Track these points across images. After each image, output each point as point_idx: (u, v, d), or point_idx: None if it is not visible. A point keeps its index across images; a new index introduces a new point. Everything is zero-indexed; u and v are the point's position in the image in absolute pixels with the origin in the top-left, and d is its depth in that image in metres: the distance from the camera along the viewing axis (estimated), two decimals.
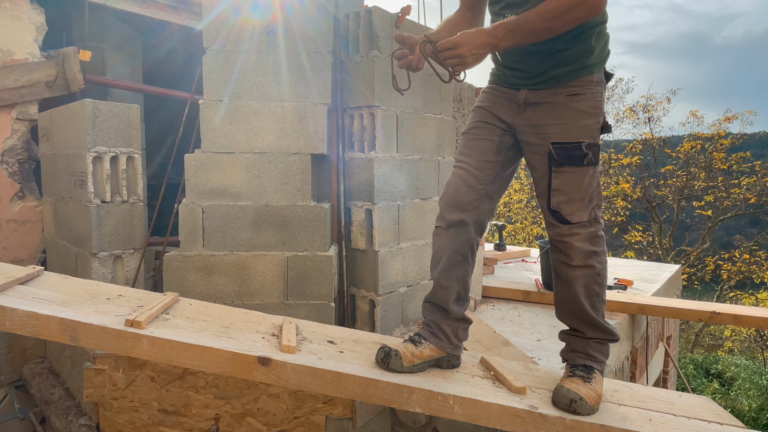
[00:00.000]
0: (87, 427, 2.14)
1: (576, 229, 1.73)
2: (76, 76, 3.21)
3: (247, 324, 1.97)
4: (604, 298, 1.82)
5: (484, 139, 1.87)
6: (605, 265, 1.81)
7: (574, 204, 1.72)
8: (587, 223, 1.74)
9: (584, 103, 1.71)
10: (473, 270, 1.95)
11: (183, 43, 4.61)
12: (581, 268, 1.77)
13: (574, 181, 1.72)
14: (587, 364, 1.80)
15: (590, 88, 1.71)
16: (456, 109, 3.22)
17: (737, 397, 9.08)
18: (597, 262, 1.77)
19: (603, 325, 1.81)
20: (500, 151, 1.86)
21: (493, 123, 1.87)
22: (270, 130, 2.51)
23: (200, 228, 2.48)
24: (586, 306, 1.79)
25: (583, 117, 1.71)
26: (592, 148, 1.70)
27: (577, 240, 1.74)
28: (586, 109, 1.71)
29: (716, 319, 3.27)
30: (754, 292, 12.95)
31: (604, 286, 1.81)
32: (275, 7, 2.50)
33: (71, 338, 1.61)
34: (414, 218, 2.88)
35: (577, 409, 1.67)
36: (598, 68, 1.73)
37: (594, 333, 1.82)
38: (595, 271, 1.77)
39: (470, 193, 1.84)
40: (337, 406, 2.05)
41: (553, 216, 1.76)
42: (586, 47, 1.68)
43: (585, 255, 1.75)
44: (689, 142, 13.54)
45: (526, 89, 1.78)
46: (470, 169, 1.85)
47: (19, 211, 3.22)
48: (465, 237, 1.87)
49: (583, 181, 1.71)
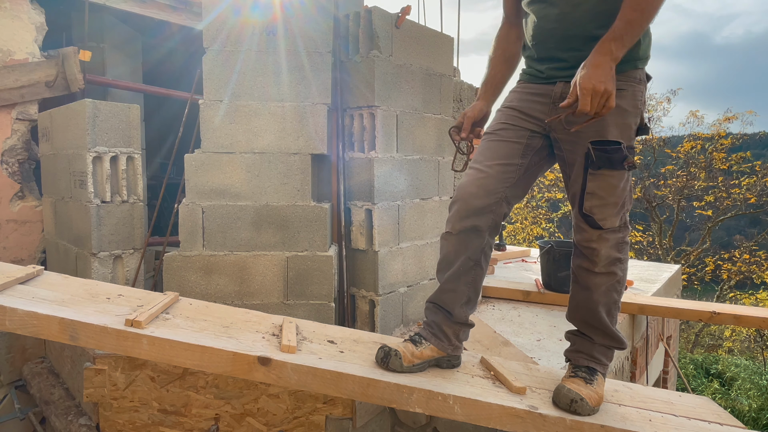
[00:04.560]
0: (87, 427, 2.14)
1: (606, 235, 1.66)
2: (76, 76, 3.21)
3: (247, 324, 1.97)
4: (619, 305, 1.78)
5: (509, 141, 1.77)
6: (626, 272, 1.76)
7: (608, 209, 1.63)
8: (617, 229, 1.67)
9: (626, 100, 1.58)
10: (485, 273, 1.88)
11: (183, 43, 4.61)
12: (603, 275, 1.70)
13: (609, 185, 1.62)
14: (590, 366, 1.79)
15: (632, 84, 1.60)
16: (456, 109, 3.22)
17: (737, 397, 9.08)
18: (620, 270, 1.71)
19: (615, 334, 1.78)
20: (526, 155, 1.77)
21: (521, 125, 1.77)
22: (270, 130, 2.51)
23: (200, 228, 2.48)
24: (602, 313, 1.74)
25: (623, 115, 1.58)
26: (631, 151, 1.61)
27: (606, 246, 1.67)
28: (627, 107, 1.59)
29: (716, 319, 3.27)
30: (754, 292, 12.95)
31: (622, 293, 1.77)
32: (275, 7, 2.50)
33: (71, 338, 1.61)
34: (414, 218, 2.88)
35: (578, 409, 1.67)
36: (643, 64, 1.62)
37: (603, 340, 1.79)
38: (616, 279, 1.72)
39: (487, 197, 1.75)
40: (337, 406, 2.05)
41: (585, 220, 1.67)
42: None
43: (609, 262, 1.69)
44: (689, 142, 13.55)
45: (563, 82, 1.67)
46: (490, 172, 1.75)
47: (19, 211, 3.22)
48: (478, 243, 1.78)
49: (619, 185, 1.62)
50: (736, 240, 14.33)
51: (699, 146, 13.35)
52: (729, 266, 12.90)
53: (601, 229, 1.65)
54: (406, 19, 2.70)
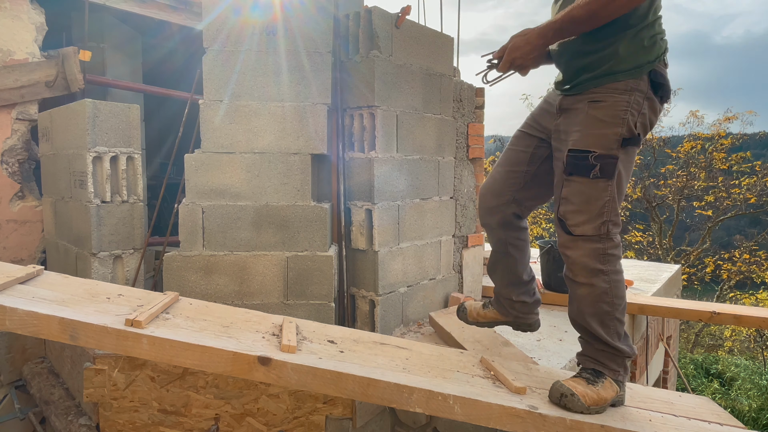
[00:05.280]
0: (87, 427, 2.14)
1: (579, 242, 1.69)
2: (76, 76, 3.21)
3: (248, 323, 1.97)
4: (618, 317, 1.73)
5: (518, 149, 1.97)
6: (616, 285, 1.72)
7: (580, 215, 1.68)
8: (595, 238, 1.68)
9: (602, 111, 1.64)
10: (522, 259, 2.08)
11: (183, 43, 4.61)
12: (584, 286, 1.72)
13: (581, 192, 1.67)
14: (596, 369, 1.77)
15: (612, 95, 1.63)
16: (456, 109, 3.21)
17: (737, 397, 9.08)
18: (603, 282, 1.69)
19: (613, 344, 1.73)
20: (533, 162, 1.94)
21: (532, 133, 1.94)
22: (270, 130, 2.51)
23: (200, 228, 2.48)
24: (593, 325, 1.74)
25: (598, 125, 1.64)
26: (602, 160, 1.63)
27: (580, 255, 1.69)
28: (604, 117, 1.64)
29: (716, 319, 3.27)
30: (754, 292, 12.95)
31: (617, 305, 1.72)
32: (275, 7, 2.50)
33: (71, 337, 1.61)
34: (414, 218, 2.88)
35: (567, 403, 1.67)
36: (628, 76, 1.63)
37: (602, 347, 1.76)
38: (599, 291, 1.70)
39: (495, 199, 2.00)
40: (337, 406, 2.05)
41: (559, 224, 1.74)
42: (610, 52, 1.62)
43: (589, 272, 1.70)
44: (689, 142, 13.54)
45: (561, 95, 1.79)
46: (497, 177, 2.01)
47: (19, 211, 3.22)
48: (496, 236, 2.06)
49: (592, 193, 1.66)
50: (736, 240, 14.33)
51: (699, 146, 13.35)
52: (729, 266, 12.90)
53: (572, 235, 1.70)
54: (406, 19, 2.70)
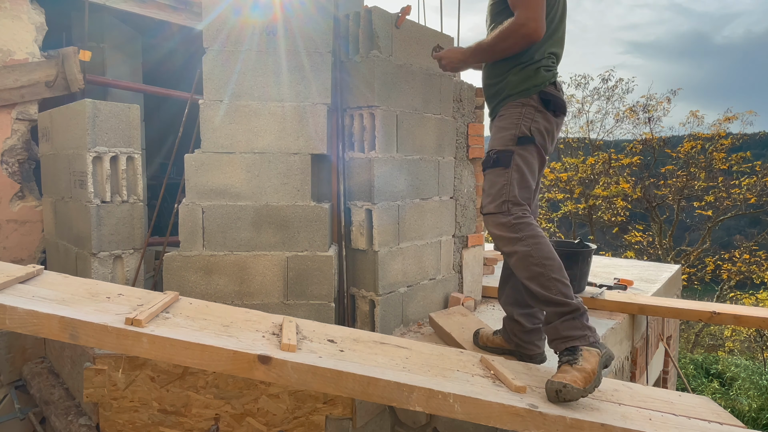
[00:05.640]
0: (87, 427, 2.14)
1: (489, 219, 2.09)
2: (76, 76, 3.21)
3: (248, 323, 1.97)
4: (555, 277, 1.92)
5: None
6: (537, 247, 1.96)
7: (487, 198, 2.11)
8: (498, 215, 2.05)
9: (503, 121, 2.12)
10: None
11: (183, 43, 4.61)
12: (511, 256, 2.02)
13: (488, 181, 2.12)
14: (568, 346, 1.83)
15: (510, 110, 2.11)
16: (456, 109, 3.22)
17: (737, 397, 9.09)
18: (522, 246, 1.97)
19: (555, 299, 1.89)
20: None
21: None
22: (270, 130, 2.51)
23: (200, 228, 2.48)
24: (535, 287, 1.94)
25: (500, 131, 2.12)
26: (500, 153, 2.08)
27: (493, 229, 2.07)
28: (503, 125, 2.11)
29: (716, 319, 3.27)
30: (754, 292, 12.95)
31: (547, 266, 1.93)
32: (275, 8, 2.50)
33: (71, 336, 1.61)
34: (414, 218, 2.88)
35: (565, 396, 1.69)
36: (520, 96, 2.09)
37: (553, 309, 1.89)
38: (522, 254, 1.97)
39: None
40: (337, 406, 2.05)
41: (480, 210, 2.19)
42: (506, 82, 2.13)
43: (507, 241, 2.02)
44: (689, 142, 13.55)
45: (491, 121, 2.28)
46: None
47: (19, 211, 3.22)
48: None
49: (494, 180, 2.09)
50: (736, 240, 14.34)
51: (699, 146, 13.36)
52: (729, 266, 12.90)
53: (483, 214, 2.13)
54: (406, 19, 2.70)
